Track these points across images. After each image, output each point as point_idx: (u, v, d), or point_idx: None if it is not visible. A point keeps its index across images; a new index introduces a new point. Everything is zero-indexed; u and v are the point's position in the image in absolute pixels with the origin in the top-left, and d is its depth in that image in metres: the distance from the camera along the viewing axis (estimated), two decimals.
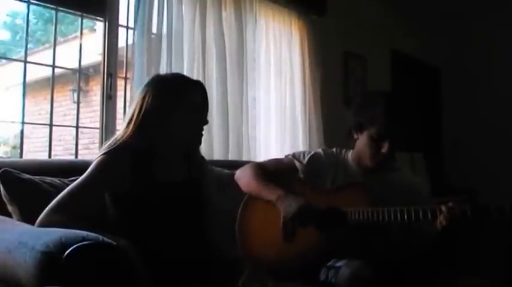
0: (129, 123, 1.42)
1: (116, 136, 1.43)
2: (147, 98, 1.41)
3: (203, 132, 1.52)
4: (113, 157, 1.35)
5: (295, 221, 1.55)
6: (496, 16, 4.53)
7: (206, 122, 1.51)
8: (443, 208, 1.40)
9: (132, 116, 1.42)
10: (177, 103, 1.42)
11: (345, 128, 1.77)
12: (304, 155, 1.79)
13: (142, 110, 1.40)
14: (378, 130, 1.59)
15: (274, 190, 1.62)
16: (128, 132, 1.40)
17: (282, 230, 1.59)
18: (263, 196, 1.65)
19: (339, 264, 1.46)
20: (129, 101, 2.17)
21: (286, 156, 1.86)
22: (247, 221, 1.69)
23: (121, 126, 1.48)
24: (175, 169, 1.48)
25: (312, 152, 1.80)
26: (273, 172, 1.75)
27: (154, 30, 2.28)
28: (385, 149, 1.60)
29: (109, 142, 1.42)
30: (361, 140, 1.66)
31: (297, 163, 1.77)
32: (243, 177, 1.76)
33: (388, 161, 1.66)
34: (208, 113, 1.56)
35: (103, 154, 1.36)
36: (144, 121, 1.39)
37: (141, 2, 2.21)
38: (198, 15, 2.47)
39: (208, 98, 1.55)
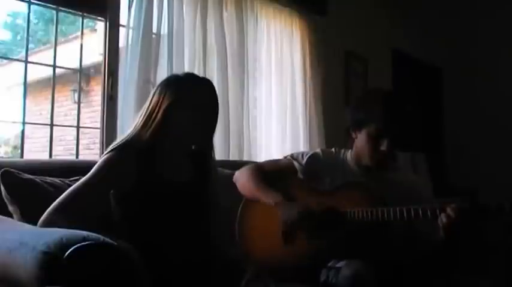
0: (138, 121, 1.43)
1: (125, 135, 1.44)
2: (155, 97, 1.42)
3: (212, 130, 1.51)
4: (119, 155, 1.35)
5: (295, 226, 1.55)
6: (497, 16, 4.53)
7: (214, 123, 1.50)
8: (443, 207, 1.40)
9: (141, 114, 1.43)
10: (184, 100, 1.42)
11: (345, 128, 1.76)
12: (302, 155, 1.78)
13: (151, 108, 1.41)
14: (376, 127, 1.58)
15: (272, 194, 1.61)
16: (138, 130, 1.40)
17: (282, 232, 1.59)
18: (260, 199, 1.64)
19: (339, 265, 1.45)
20: (126, 102, 2.17)
21: (284, 157, 1.86)
22: (247, 222, 1.69)
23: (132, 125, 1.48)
24: (182, 167, 1.48)
25: (311, 153, 1.79)
26: (271, 173, 1.74)
27: (154, 30, 2.28)
28: (384, 146, 1.58)
29: (118, 140, 1.42)
30: (360, 139, 1.65)
31: (295, 164, 1.76)
32: (241, 179, 1.75)
33: (388, 160, 1.65)
34: None
35: (109, 151, 1.36)
36: (152, 118, 1.40)
37: (141, 1, 2.21)
38: (199, 15, 2.47)
39: None
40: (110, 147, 1.39)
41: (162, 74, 2.20)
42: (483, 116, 4.61)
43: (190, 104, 1.42)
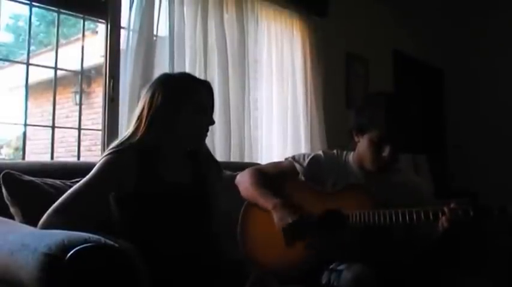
0: (137, 122, 1.41)
1: (123, 135, 1.43)
2: (156, 97, 1.40)
3: (208, 132, 1.52)
4: (118, 157, 1.35)
5: (290, 237, 1.54)
6: (498, 17, 4.53)
7: (213, 122, 1.52)
8: (445, 209, 1.40)
9: (141, 115, 1.41)
10: (187, 102, 1.42)
11: (347, 129, 1.76)
12: (304, 157, 1.78)
13: (152, 109, 1.39)
14: (379, 133, 1.58)
15: (271, 199, 1.60)
16: (137, 132, 1.39)
17: (283, 235, 1.58)
18: (260, 204, 1.64)
19: (341, 267, 1.45)
20: (127, 104, 2.17)
21: (286, 159, 1.85)
22: (249, 224, 1.69)
23: (129, 125, 1.47)
24: (181, 168, 1.48)
25: (312, 155, 1.79)
26: (273, 176, 1.74)
27: (155, 32, 2.29)
28: (386, 152, 1.58)
29: (116, 141, 1.41)
30: (362, 143, 1.65)
31: (297, 166, 1.76)
32: (242, 183, 1.75)
33: (390, 164, 1.65)
34: None
35: (109, 153, 1.36)
36: (154, 120, 1.39)
37: (142, 4, 2.22)
38: (199, 17, 2.48)
39: None
40: (110, 148, 1.38)
41: None
42: (485, 117, 4.60)
43: (192, 103, 1.43)
